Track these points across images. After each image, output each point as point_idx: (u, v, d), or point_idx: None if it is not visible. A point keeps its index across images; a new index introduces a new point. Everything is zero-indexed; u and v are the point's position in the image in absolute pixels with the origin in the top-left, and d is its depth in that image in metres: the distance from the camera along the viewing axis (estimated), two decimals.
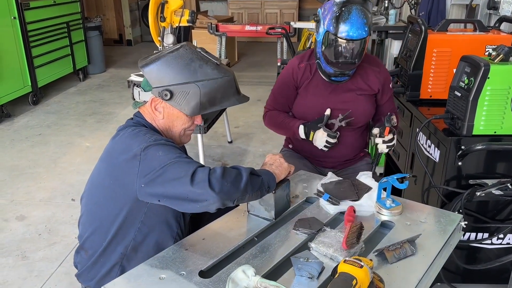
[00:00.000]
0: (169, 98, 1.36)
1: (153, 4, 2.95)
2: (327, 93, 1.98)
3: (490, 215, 1.90)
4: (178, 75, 1.36)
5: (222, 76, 1.39)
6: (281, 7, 9.29)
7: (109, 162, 1.40)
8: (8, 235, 2.71)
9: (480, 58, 1.74)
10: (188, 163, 1.26)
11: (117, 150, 1.37)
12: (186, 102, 1.37)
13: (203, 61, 1.39)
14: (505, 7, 2.60)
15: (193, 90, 1.36)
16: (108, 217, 1.40)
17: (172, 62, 1.37)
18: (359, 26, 1.73)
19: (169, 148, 1.30)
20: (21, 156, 3.83)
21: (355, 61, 1.81)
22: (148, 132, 1.36)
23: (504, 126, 1.76)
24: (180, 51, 1.38)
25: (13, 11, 4.71)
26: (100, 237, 1.43)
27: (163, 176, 1.24)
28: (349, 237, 1.23)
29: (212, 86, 1.38)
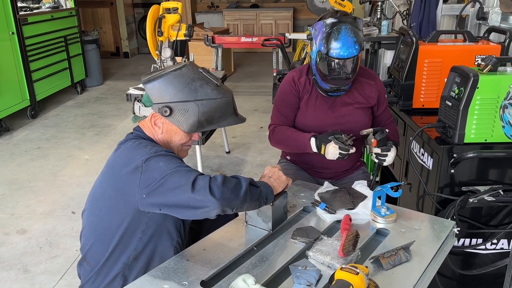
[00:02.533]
0: (169, 114, 1.41)
1: (151, 19, 3.01)
2: (326, 108, 2.02)
3: (484, 221, 1.95)
4: (179, 93, 1.41)
5: (221, 97, 1.44)
6: (276, 18, 9.40)
7: (111, 174, 1.44)
8: (9, 249, 2.73)
9: (469, 69, 1.79)
10: (188, 171, 1.31)
11: (119, 163, 1.42)
12: (185, 120, 1.42)
13: (204, 81, 1.44)
14: (493, 17, 2.67)
15: (192, 108, 1.41)
16: (110, 228, 1.44)
17: (174, 80, 1.42)
18: (349, 45, 1.77)
19: (169, 158, 1.35)
20: (21, 170, 3.86)
21: (349, 76, 1.86)
22: (148, 144, 1.41)
23: (494, 134, 1.81)
24: (183, 70, 1.43)
25: (11, 26, 4.77)
26: (102, 248, 1.47)
27: (164, 185, 1.29)
28: (345, 245, 1.27)
29: (211, 105, 1.43)
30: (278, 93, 2.11)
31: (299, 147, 1.96)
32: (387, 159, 1.91)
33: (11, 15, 4.73)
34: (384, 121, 2.12)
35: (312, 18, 8.85)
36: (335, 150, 1.83)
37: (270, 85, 5.73)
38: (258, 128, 4.82)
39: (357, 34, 1.80)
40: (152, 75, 1.45)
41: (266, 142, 4.42)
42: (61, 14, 5.83)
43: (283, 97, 2.07)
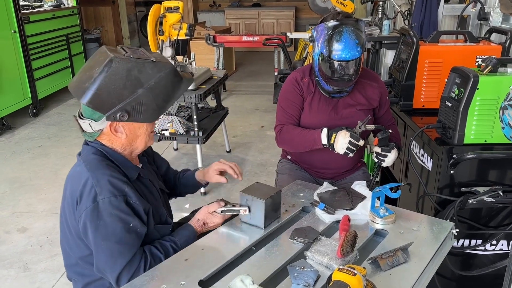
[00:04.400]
0: (128, 117, 1.33)
1: (152, 18, 3.01)
2: (328, 110, 2.01)
3: (483, 222, 1.94)
4: (124, 91, 1.30)
5: (164, 70, 1.35)
6: (278, 17, 9.40)
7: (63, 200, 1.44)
8: (10, 247, 2.74)
9: (469, 70, 1.79)
10: (119, 257, 1.30)
11: (69, 190, 1.38)
12: (145, 112, 1.34)
13: (139, 65, 1.32)
14: (495, 18, 2.67)
15: (145, 98, 1.32)
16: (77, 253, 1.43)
17: (111, 81, 1.29)
18: (351, 47, 1.77)
19: (108, 223, 1.30)
20: (22, 168, 3.87)
21: (351, 78, 1.85)
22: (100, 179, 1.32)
23: (494, 135, 1.81)
24: (113, 66, 1.28)
25: (13, 24, 4.78)
26: (79, 273, 1.48)
27: (95, 249, 1.33)
28: (343, 246, 1.27)
29: (159, 84, 1.34)
30: (282, 93, 2.10)
31: (308, 143, 1.93)
32: (386, 160, 1.91)
33: (13, 14, 4.74)
34: (386, 122, 2.11)
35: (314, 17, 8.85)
36: (345, 137, 1.80)
37: (271, 85, 5.72)
38: (259, 127, 4.82)
39: (359, 36, 1.79)
40: (82, 87, 1.29)
41: (267, 141, 4.43)
42: (63, 12, 5.85)
43: (287, 96, 2.06)
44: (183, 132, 3.34)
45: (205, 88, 3.34)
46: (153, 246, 1.39)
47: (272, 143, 4.41)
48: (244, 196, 1.49)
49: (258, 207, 1.46)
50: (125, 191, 1.34)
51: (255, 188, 1.52)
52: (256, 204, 1.46)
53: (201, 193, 3.33)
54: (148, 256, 1.36)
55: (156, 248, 1.39)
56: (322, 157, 2.08)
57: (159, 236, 1.45)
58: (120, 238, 1.30)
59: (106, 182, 1.31)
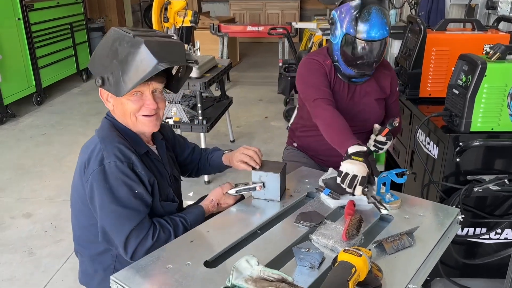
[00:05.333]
0: (102, 83, 1.35)
1: (157, 5, 3.00)
2: (347, 99, 1.97)
3: (488, 211, 1.94)
4: (105, 60, 1.35)
5: (138, 47, 1.29)
6: (283, 8, 9.34)
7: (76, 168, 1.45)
8: (15, 232, 2.76)
9: (477, 57, 1.77)
10: (126, 221, 1.32)
11: (80, 159, 1.42)
12: (115, 84, 1.33)
13: (121, 38, 1.32)
14: (503, 6, 2.64)
15: (117, 70, 1.32)
16: (88, 220, 1.44)
17: (100, 48, 1.39)
18: (381, 26, 1.73)
19: (115, 188, 1.32)
20: (26, 156, 3.89)
21: (376, 60, 1.82)
22: (108, 145, 1.36)
23: (501, 123, 1.79)
24: (107, 35, 1.38)
25: (17, 12, 4.77)
26: (88, 240, 1.48)
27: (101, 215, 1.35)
28: (349, 229, 1.27)
29: (130, 59, 1.30)
30: (306, 72, 1.94)
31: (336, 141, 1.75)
32: (384, 148, 1.91)
33: (17, 1, 4.74)
34: (394, 111, 2.10)
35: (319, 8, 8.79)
36: (362, 172, 1.46)
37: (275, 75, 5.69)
38: (263, 118, 4.81)
39: (386, 15, 1.76)
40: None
41: (271, 131, 4.43)
42: (67, 0, 5.83)
43: (317, 75, 1.90)
44: (187, 121, 3.34)
45: (209, 76, 3.33)
46: (162, 219, 1.41)
47: (276, 133, 4.42)
48: (257, 173, 1.56)
49: (273, 181, 1.54)
50: (132, 158, 1.37)
51: (263, 165, 1.60)
52: (271, 179, 1.54)
53: (205, 181, 3.34)
54: (157, 226, 1.37)
55: (165, 221, 1.41)
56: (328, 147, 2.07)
57: (164, 213, 1.46)
58: (126, 202, 1.32)
59: (113, 148, 1.36)
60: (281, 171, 1.55)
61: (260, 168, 1.58)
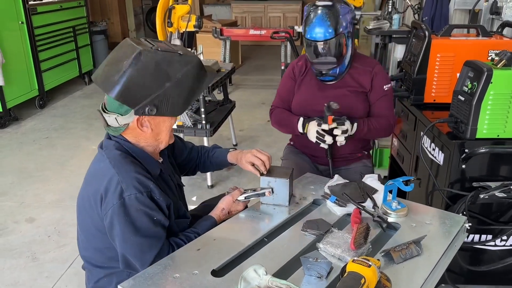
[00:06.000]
0: (156, 111, 1.30)
1: (161, 10, 3.00)
2: (315, 89, 2.10)
3: (494, 217, 1.93)
4: (153, 85, 1.28)
5: (191, 63, 1.33)
6: (284, 11, 9.35)
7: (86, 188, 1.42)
8: (18, 237, 2.75)
9: (483, 63, 1.77)
10: (147, 250, 1.31)
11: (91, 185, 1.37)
12: (172, 106, 1.32)
13: (168, 58, 1.29)
14: (507, 12, 2.64)
15: (173, 92, 1.31)
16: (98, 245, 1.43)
17: (139, 74, 1.26)
18: (322, 28, 1.87)
19: (134, 220, 1.30)
20: (29, 159, 3.89)
21: (331, 60, 1.93)
22: (125, 176, 1.31)
23: (507, 130, 1.79)
24: (143, 60, 1.26)
25: (21, 16, 4.78)
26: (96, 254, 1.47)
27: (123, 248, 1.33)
28: (356, 238, 1.26)
29: (186, 78, 1.32)
30: (282, 79, 2.26)
31: (290, 129, 2.11)
32: (338, 140, 1.93)
33: (20, 5, 4.75)
34: (377, 111, 2.10)
35: None
36: (314, 129, 1.93)
37: (277, 79, 5.70)
38: (266, 121, 4.81)
39: (331, 18, 1.87)
40: (111, 79, 1.26)
41: (274, 135, 4.42)
42: (70, 4, 5.84)
43: (283, 81, 2.22)
44: (191, 125, 3.34)
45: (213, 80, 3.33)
46: (177, 238, 1.41)
47: (279, 137, 4.41)
48: (266, 178, 1.57)
49: (282, 187, 1.55)
50: (150, 187, 1.33)
51: (271, 170, 1.62)
52: (279, 184, 1.55)
53: (208, 186, 3.33)
54: (175, 246, 1.37)
55: (181, 239, 1.40)
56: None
57: (178, 230, 1.46)
58: (147, 232, 1.31)
59: (132, 179, 1.30)
60: (290, 177, 1.57)
61: (269, 174, 1.59)
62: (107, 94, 1.29)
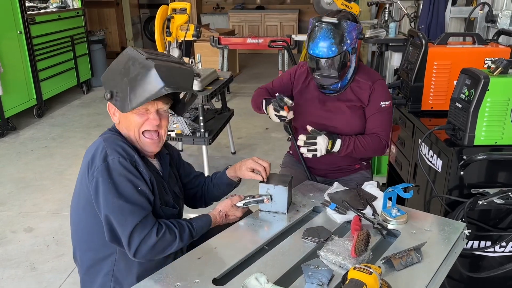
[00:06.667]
0: (110, 97, 1.43)
1: (159, 19, 3.02)
2: (316, 101, 2.10)
3: (493, 224, 1.94)
4: (117, 76, 1.42)
5: (148, 69, 1.35)
6: (281, 20, 9.41)
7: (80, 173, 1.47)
8: (16, 246, 2.74)
9: (479, 71, 1.79)
10: (129, 216, 1.34)
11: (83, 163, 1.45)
12: (121, 100, 1.40)
13: (135, 58, 1.40)
14: (503, 20, 2.67)
15: (124, 87, 1.39)
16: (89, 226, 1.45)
17: (115, 64, 1.45)
18: (325, 46, 1.84)
19: (118, 183, 1.35)
20: (27, 169, 3.88)
21: (333, 76, 1.91)
22: (111, 143, 1.41)
23: (505, 137, 1.80)
24: (123, 53, 1.46)
25: (19, 25, 4.80)
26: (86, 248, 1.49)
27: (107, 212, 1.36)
28: (357, 245, 1.27)
29: (139, 79, 1.36)
30: (285, 72, 2.28)
31: (259, 107, 2.10)
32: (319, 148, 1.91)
33: (19, 15, 4.76)
34: (370, 127, 2.05)
35: None
36: (271, 109, 1.95)
37: None
38: (264, 129, 4.83)
39: (336, 36, 1.83)
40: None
41: (272, 143, 4.44)
42: (68, 14, 5.86)
43: (282, 76, 2.24)
44: (189, 133, 3.35)
45: (211, 89, 3.35)
46: (168, 221, 1.43)
47: (277, 145, 4.43)
48: (265, 185, 1.58)
49: (280, 194, 1.56)
50: (134, 156, 1.42)
51: (270, 178, 1.63)
52: (278, 192, 1.56)
53: None
54: (163, 225, 1.39)
55: (172, 223, 1.43)
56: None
57: (165, 217, 1.47)
58: (130, 198, 1.35)
59: (116, 146, 1.41)
60: (288, 184, 1.57)
61: (267, 181, 1.60)
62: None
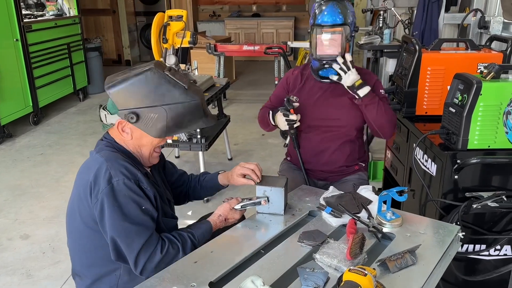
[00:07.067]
0: (136, 120, 1.39)
1: (156, 27, 3.04)
2: (316, 96, 2.14)
3: (487, 227, 1.96)
4: (145, 99, 1.38)
5: (190, 101, 1.41)
6: (277, 27, 9.46)
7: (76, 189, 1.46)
8: (12, 253, 2.73)
9: (472, 76, 1.82)
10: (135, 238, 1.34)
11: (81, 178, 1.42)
12: (153, 125, 1.40)
13: (171, 85, 1.39)
14: (495, 26, 2.71)
15: (160, 114, 1.39)
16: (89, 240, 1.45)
17: (139, 85, 1.37)
18: (333, 14, 1.97)
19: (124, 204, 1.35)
20: (24, 176, 3.87)
21: (335, 50, 1.99)
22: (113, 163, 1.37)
23: (497, 140, 1.83)
24: (148, 75, 1.38)
25: (15, 33, 4.81)
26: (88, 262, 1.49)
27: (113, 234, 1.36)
28: (352, 248, 1.28)
29: (179, 110, 1.40)
30: (276, 86, 2.37)
31: (267, 123, 2.19)
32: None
33: (15, 22, 4.78)
34: None
35: None
36: (281, 117, 2.04)
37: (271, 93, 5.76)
38: (260, 135, 4.84)
39: (343, 8, 1.99)
40: (114, 79, 1.40)
41: (269, 149, 4.45)
42: (65, 21, 5.88)
43: (277, 89, 2.31)
44: (186, 139, 3.36)
45: (207, 95, 3.37)
46: (170, 235, 1.43)
47: (274, 151, 4.44)
48: (261, 187, 1.60)
49: (277, 196, 1.58)
50: (138, 175, 1.39)
51: (266, 180, 1.65)
52: (275, 193, 1.58)
53: (203, 200, 3.33)
54: (166, 241, 1.39)
55: (174, 237, 1.43)
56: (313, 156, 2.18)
57: (166, 229, 1.48)
58: (135, 219, 1.34)
59: (120, 166, 1.37)
60: (284, 185, 1.60)
61: (264, 183, 1.62)
62: (106, 89, 1.40)
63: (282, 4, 9.86)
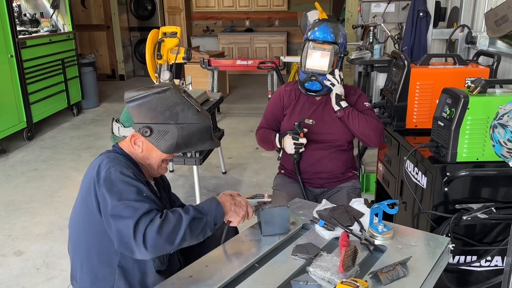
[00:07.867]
0: (149, 134, 1.48)
1: (150, 43, 3.09)
2: (310, 112, 2.24)
3: (478, 238, 1.99)
4: (160, 115, 1.48)
5: (201, 123, 1.52)
6: (270, 42, 9.57)
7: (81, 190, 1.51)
8: (6, 270, 2.72)
9: (459, 91, 1.87)
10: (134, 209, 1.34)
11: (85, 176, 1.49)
12: (164, 141, 1.49)
13: (186, 106, 1.50)
14: (482, 41, 2.78)
15: (172, 131, 1.48)
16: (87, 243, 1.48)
17: (158, 102, 1.48)
18: (326, 32, 2.12)
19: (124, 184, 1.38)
20: (17, 191, 3.86)
21: (323, 68, 2.11)
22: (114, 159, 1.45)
23: (485, 153, 1.87)
24: (167, 94, 1.49)
25: (10, 49, 4.84)
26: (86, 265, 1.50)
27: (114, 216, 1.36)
28: (345, 261, 1.30)
29: (190, 129, 1.50)
30: (269, 102, 2.42)
31: (271, 144, 2.25)
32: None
33: (10, 39, 4.81)
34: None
35: None
36: (289, 140, 2.13)
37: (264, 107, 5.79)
38: (254, 148, 4.87)
39: (335, 29, 2.14)
40: (135, 95, 1.49)
41: (262, 162, 4.48)
42: (59, 37, 5.92)
43: (270, 105, 2.38)
44: (180, 154, 3.37)
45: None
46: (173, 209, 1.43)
47: (268, 164, 4.47)
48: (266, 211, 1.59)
49: (282, 215, 1.58)
50: (136, 171, 1.46)
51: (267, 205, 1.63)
52: (280, 213, 1.58)
53: None
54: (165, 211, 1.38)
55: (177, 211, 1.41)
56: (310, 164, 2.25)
57: None
58: (135, 197, 1.36)
59: (119, 161, 1.46)
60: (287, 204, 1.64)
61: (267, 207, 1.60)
62: (126, 102, 1.49)
63: (275, 19, 9.99)
